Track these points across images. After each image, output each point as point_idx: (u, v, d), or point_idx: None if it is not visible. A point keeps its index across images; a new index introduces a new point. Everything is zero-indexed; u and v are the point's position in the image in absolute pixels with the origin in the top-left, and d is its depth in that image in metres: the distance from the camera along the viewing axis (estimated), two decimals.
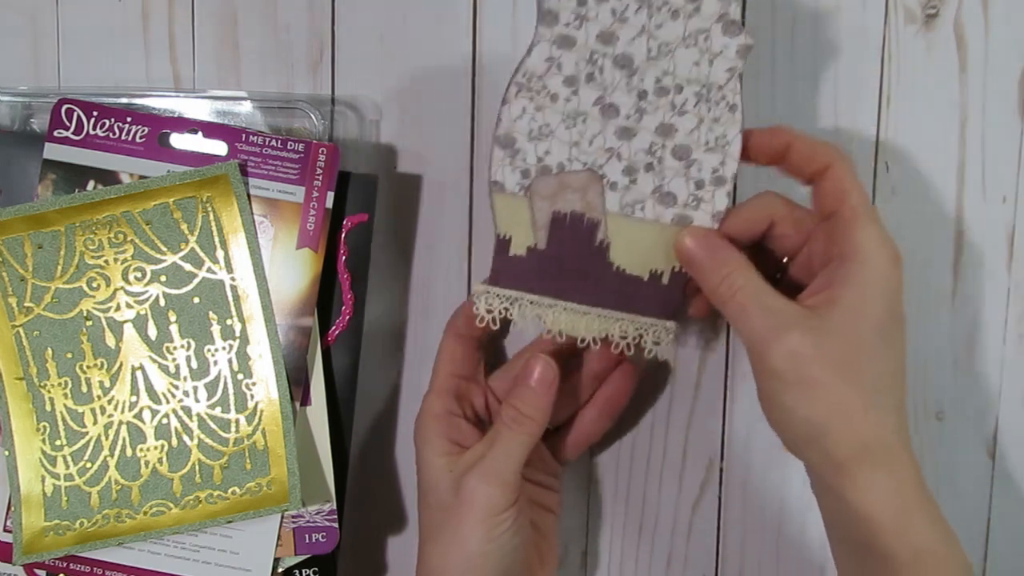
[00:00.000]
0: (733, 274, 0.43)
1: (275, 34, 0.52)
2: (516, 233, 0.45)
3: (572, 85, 0.44)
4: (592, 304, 0.46)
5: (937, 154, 0.53)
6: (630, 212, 0.45)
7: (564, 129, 0.45)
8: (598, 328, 0.46)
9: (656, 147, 0.45)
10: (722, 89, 0.44)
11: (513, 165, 0.45)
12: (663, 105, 0.44)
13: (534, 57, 0.44)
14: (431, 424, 0.47)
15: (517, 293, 0.45)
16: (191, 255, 0.49)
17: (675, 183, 0.45)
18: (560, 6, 0.44)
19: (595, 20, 0.44)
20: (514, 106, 0.45)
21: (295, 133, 0.51)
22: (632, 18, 0.44)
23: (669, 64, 0.44)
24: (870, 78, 0.53)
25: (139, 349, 0.49)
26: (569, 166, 0.45)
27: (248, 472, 0.49)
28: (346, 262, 0.50)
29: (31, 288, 0.48)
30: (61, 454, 0.48)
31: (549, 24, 0.44)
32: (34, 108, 0.51)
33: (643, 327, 0.46)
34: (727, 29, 0.44)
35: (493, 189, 0.45)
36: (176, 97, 0.51)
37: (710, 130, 0.45)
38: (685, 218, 0.45)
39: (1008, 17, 0.52)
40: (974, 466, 0.55)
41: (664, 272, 0.46)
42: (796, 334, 0.41)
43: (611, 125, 0.45)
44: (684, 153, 0.45)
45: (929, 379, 0.54)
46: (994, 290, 0.54)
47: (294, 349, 0.49)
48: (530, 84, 0.45)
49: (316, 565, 0.50)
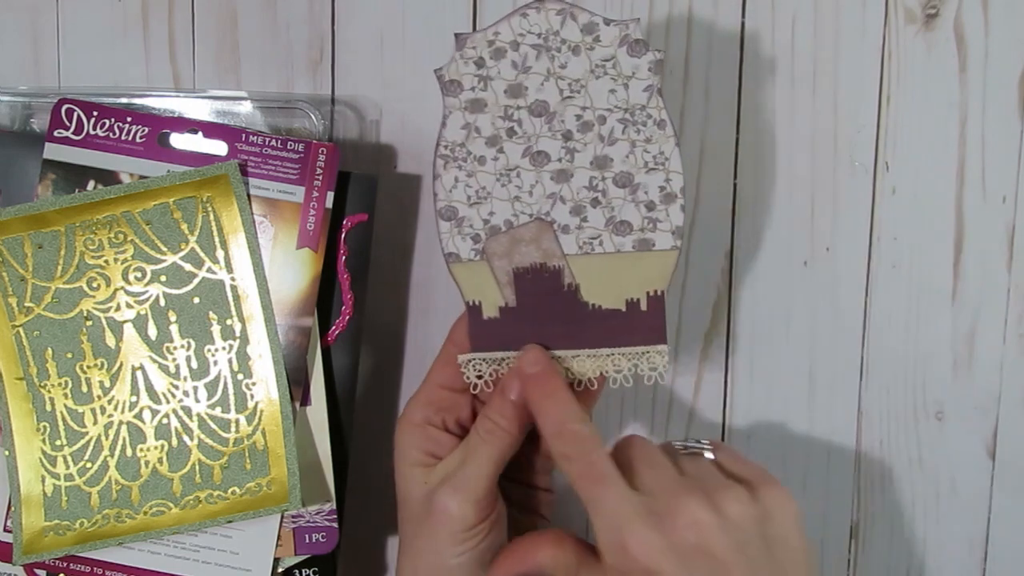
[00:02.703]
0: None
1: (275, 34, 0.52)
2: (484, 297, 0.45)
3: (495, 144, 0.44)
4: (579, 346, 0.45)
5: (937, 154, 0.53)
6: (589, 250, 0.45)
7: (500, 187, 0.45)
8: (591, 368, 0.45)
9: (596, 181, 0.45)
10: (645, 108, 0.44)
11: (462, 234, 0.45)
12: (591, 139, 0.44)
13: (450, 128, 0.44)
14: (407, 433, 0.46)
15: (503, 354, 0.45)
16: (191, 255, 0.49)
17: (626, 211, 0.45)
18: (461, 73, 0.44)
19: (499, 77, 0.44)
20: (445, 178, 0.45)
21: (295, 133, 0.51)
22: (535, 65, 0.44)
23: (585, 99, 0.44)
24: (870, 78, 0.53)
25: (139, 349, 0.49)
26: (517, 221, 0.45)
27: (248, 472, 0.49)
28: (346, 262, 0.50)
29: (31, 288, 0.48)
30: (61, 454, 0.48)
31: (455, 93, 0.44)
32: (34, 108, 0.51)
33: (635, 357, 0.45)
34: (632, 50, 0.44)
35: (449, 261, 0.45)
36: (176, 97, 0.51)
37: (645, 151, 0.44)
38: (646, 242, 0.45)
39: (1008, 17, 0.52)
40: (974, 466, 0.55)
41: (640, 299, 0.45)
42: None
43: (545, 172, 0.45)
44: (626, 180, 0.45)
45: (929, 379, 0.54)
46: (994, 290, 0.54)
47: (294, 349, 0.49)
48: (455, 154, 0.45)
49: (316, 565, 0.50)
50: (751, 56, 0.53)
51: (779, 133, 0.53)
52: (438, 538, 0.44)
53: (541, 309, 0.45)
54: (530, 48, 0.44)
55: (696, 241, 0.54)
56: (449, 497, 0.44)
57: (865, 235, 0.54)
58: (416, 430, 0.46)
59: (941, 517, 0.55)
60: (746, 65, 0.53)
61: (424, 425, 0.46)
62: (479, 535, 0.44)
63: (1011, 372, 0.54)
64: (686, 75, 0.53)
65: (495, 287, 0.45)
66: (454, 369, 0.46)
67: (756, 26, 0.52)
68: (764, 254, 0.54)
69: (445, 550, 0.44)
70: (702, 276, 0.54)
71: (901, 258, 0.54)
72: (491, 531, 0.44)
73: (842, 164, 0.53)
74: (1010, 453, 0.54)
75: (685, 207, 0.45)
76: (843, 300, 0.54)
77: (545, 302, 0.45)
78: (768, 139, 0.53)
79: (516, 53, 0.44)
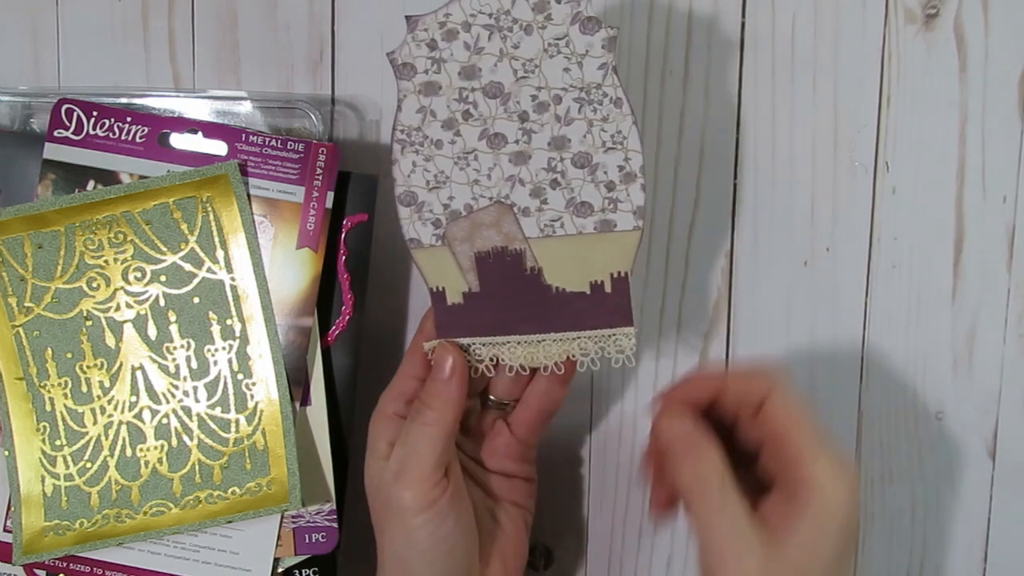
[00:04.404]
0: (706, 474, 0.42)
1: (275, 34, 0.52)
2: (448, 282, 0.45)
3: (452, 127, 0.44)
4: (545, 331, 0.45)
5: (937, 154, 0.53)
6: (551, 232, 0.45)
7: (459, 171, 0.44)
8: (557, 352, 0.45)
9: (555, 162, 0.44)
10: (601, 87, 0.44)
11: (422, 219, 0.45)
12: (547, 120, 0.44)
13: (405, 112, 0.44)
14: (376, 425, 0.46)
15: (468, 340, 0.45)
16: (191, 255, 0.49)
17: (586, 191, 0.44)
18: (413, 56, 0.44)
19: (452, 59, 0.44)
20: (403, 163, 0.44)
21: (295, 133, 0.51)
22: (487, 46, 0.44)
23: (539, 79, 0.44)
24: (870, 78, 0.53)
25: (139, 349, 0.49)
26: (476, 204, 0.45)
27: (248, 472, 0.49)
28: (346, 262, 0.50)
29: (31, 288, 0.48)
30: (61, 454, 0.48)
31: (408, 77, 0.44)
32: (34, 108, 0.51)
33: (602, 340, 0.45)
34: (585, 27, 0.43)
35: (411, 247, 0.45)
36: (176, 97, 0.51)
37: (602, 130, 0.44)
38: (607, 223, 0.45)
39: (1008, 17, 0.52)
40: (974, 466, 0.55)
41: (604, 280, 0.45)
42: (753, 560, 0.41)
43: (503, 154, 0.44)
44: (584, 160, 0.44)
45: (929, 379, 0.54)
46: (994, 290, 0.54)
47: (294, 349, 0.49)
48: (411, 138, 0.44)
49: (316, 565, 0.50)
50: (751, 56, 0.53)
51: (779, 133, 0.53)
52: (389, 529, 0.44)
53: (505, 294, 0.45)
54: (482, 28, 0.43)
55: (696, 241, 0.54)
56: (391, 483, 0.44)
57: (865, 235, 0.54)
58: (386, 422, 0.46)
59: (941, 517, 0.55)
60: (746, 65, 0.53)
61: (394, 417, 0.46)
62: (427, 525, 0.44)
63: (1011, 372, 0.54)
64: (686, 75, 0.53)
65: (458, 273, 0.45)
66: (423, 360, 0.46)
67: (756, 26, 0.52)
68: (764, 254, 0.54)
69: (396, 539, 0.44)
70: (702, 276, 0.54)
71: (901, 258, 0.54)
72: (443, 522, 0.44)
73: (842, 164, 0.53)
74: (1010, 453, 0.54)
75: (646, 186, 0.44)
76: (843, 300, 0.54)
77: (508, 287, 0.45)
78: (768, 139, 0.53)
79: (468, 34, 0.43)
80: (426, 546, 0.44)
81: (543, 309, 0.45)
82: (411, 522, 0.43)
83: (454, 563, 0.45)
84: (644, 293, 0.54)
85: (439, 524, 0.44)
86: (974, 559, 0.55)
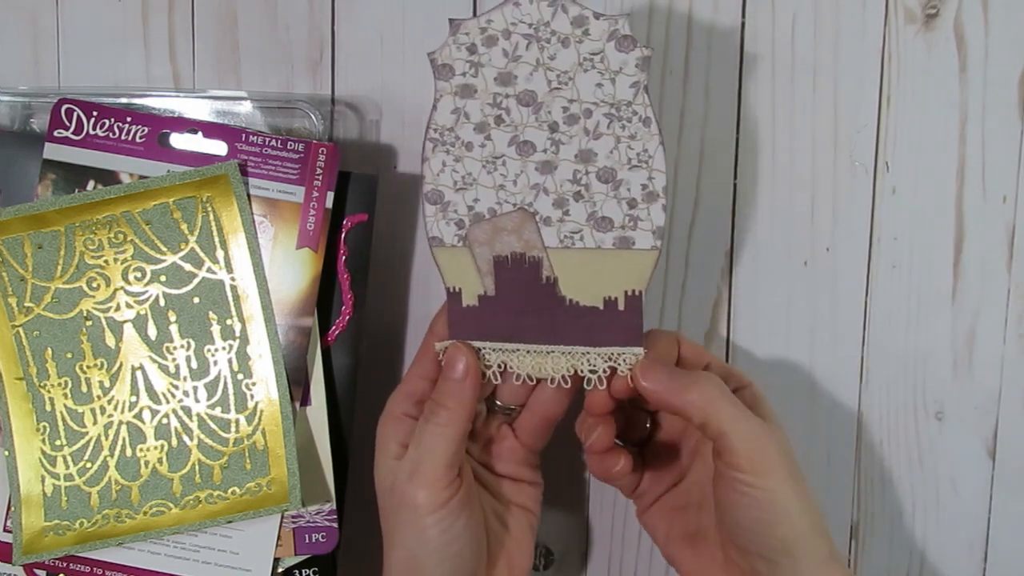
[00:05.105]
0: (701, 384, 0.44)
1: (275, 34, 0.52)
2: (465, 284, 0.45)
3: (483, 131, 0.45)
4: (554, 342, 0.45)
5: (937, 154, 0.53)
6: (570, 244, 0.45)
7: (486, 174, 0.45)
8: (565, 366, 0.45)
9: (580, 174, 0.45)
10: (631, 105, 0.44)
11: (447, 218, 0.45)
12: (576, 132, 0.44)
13: (440, 112, 0.45)
14: (387, 426, 0.47)
15: (479, 343, 0.45)
16: (191, 255, 0.49)
17: (608, 206, 0.45)
18: (453, 58, 0.44)
19: (489, 64, 0.44)
20: (433, 162, 0.45)
21: (295, 133, 0.51)
22: (525, 55, 0.44)
23: (572, 91, 0.44)
24: (870, 78, 0.53)
25: (139, 349, 0.49)
26: (500, 209, 0.45)
27: (248, 472, 0.49)
28: (346, 262, 0.50)
29: (31, 288, 0.48)
30: (61, 454, 0.48)
31: (446, 78, 0.44)
32: (34, 108, 0.51)
33: (611, 358, 0.45)
34: (621, 45, 0.44)
35: (433, 245, 0.45)
36: (176, 97, 0.51)
37: (629, 147, 0.44)
38: (626, 240, 0.45)
39: (1008, 17, 0.52)
40: (974, 466, 0.55)
41: (618, 298, 0.45)
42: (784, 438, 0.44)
43: (531, 162, 0.45)
44: (609, 175, 0.45)
45: (929, 379, 0.54)
46: (994, 290, 0.54)
47: (294, 349, 0.49)
48: (443, 138, 0.45)
49: (316, 565, 0.50)
50: (751, 56, 0.53)
51: (779, 133, 0.53)
52: (400, 529, 0.44)
53: (519, 300, 0.45)
54: (521, 37, 0.44)
55: (696, 241, 0.54)
56: (404, 483, 0.44)
57: (865, 235, 0.54)
58: (396, 423, 0.46)
59: (941, 517, 0.55)
60: (746, 65, 0.53)
61: (403, 418, 0.46)
62: (439, 524, 0.44)
63: (1011, 372, 0.54)
64: (686, 75, 0.53)
65: (476, 275, 0.45)
66: (434, 361, 0.46)
67: (756, 26, 0.52)
68: (764, 254, 0.54)
69: (408, 540, 0.44)
70: (702, 276, 0.54)
71: (901, 258, 0.54)
72: (454, 522, 0.44)
73: (842, 164, 0.53)
74: (1010, 453, 0.54)
75: (667, 208, 0.45)
76: (843, 300, 0.54)
77: (523, 293, 0.45)
78: (768, 139, 0.53)
79: (507, 42, 0.44)
80: (437, 545, 0.44)
81: (555, 320, 0.45)
82: (424, 521, 0.44)
83: (463, 563, 0.45)
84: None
85: (451, 524, 0.44)
86: (974, 559, 0.55)
